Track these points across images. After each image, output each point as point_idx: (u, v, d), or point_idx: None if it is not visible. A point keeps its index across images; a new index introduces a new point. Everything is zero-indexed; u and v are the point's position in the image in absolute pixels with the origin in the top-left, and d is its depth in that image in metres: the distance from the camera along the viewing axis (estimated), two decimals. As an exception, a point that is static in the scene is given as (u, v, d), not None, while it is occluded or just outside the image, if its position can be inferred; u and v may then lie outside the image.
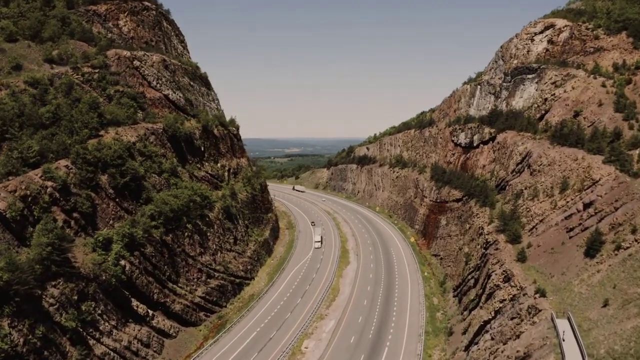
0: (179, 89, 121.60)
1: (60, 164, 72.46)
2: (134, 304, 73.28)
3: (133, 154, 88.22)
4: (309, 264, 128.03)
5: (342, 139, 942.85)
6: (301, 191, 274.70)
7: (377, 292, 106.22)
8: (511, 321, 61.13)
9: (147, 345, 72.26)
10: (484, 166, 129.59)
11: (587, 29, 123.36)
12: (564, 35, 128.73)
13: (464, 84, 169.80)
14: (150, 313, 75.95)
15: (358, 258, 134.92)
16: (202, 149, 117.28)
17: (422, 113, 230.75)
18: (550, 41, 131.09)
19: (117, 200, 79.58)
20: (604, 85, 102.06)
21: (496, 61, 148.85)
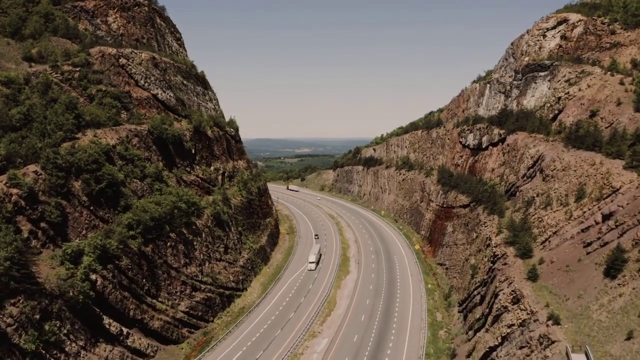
0: (169, 88, 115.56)
1: (28, 169, 67.11)
2: (106, 322, 67.21)
3: (112, 157, 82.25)
4: (307, 273, 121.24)
5: (354, 139, 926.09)
6: (295, 190, 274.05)
7: (377, 306, 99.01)
8: (520, 351, 53.89)
9: (120, 367, 66.22)
10: (492, 170, 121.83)
11: (603, 24, 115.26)
12: (578, 30, 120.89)
13: (473, 83, 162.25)
14: (125, 331, 69.82)
15: (359, 267, 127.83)
16: (193, 152, 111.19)
17: (430, 113, 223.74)
18: (563, 37, 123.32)
19: (92, 208, 73.69)
20: (622, 82, 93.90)
21: (506, 58, 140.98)
